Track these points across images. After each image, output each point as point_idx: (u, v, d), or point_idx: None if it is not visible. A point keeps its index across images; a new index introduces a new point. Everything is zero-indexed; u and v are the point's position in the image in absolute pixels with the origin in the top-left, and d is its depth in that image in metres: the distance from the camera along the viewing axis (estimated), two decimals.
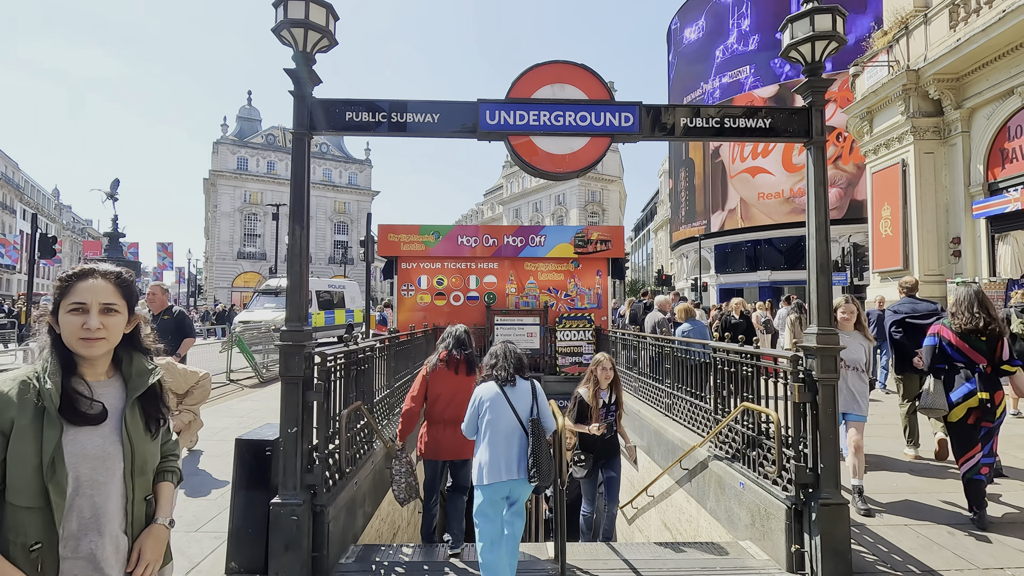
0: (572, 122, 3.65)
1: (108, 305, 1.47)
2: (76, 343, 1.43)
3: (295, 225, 3.52)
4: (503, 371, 3.52)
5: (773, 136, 3.79)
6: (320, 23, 3.35)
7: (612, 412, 5.05)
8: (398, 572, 3.67)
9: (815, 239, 3.56)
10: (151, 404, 1.57)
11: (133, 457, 1.48)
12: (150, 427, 1.55)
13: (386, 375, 6.34)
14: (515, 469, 3.29)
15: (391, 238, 11.24)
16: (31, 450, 1.33)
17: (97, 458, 1.42)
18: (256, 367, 11.69)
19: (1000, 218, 11.35)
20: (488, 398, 3.43)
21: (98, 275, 1.48)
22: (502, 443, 3.32)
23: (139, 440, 1.50)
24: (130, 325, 1.56)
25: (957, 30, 11.56)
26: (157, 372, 1.60)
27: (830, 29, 3.37)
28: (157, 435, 1.58)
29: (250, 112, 59.86)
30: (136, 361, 1.58)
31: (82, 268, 1.49)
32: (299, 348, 3.44)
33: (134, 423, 1.50)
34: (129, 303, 1.53)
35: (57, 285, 1.46)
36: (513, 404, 3.39)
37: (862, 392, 4.64)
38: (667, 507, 5.95)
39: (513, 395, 3.43)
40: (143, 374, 1.56)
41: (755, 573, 3.61)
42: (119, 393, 1.53)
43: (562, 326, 10.63)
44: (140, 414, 1.54)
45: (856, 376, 4.64)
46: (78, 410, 1.41)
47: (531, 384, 3.55)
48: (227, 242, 55.67)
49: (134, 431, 1.49)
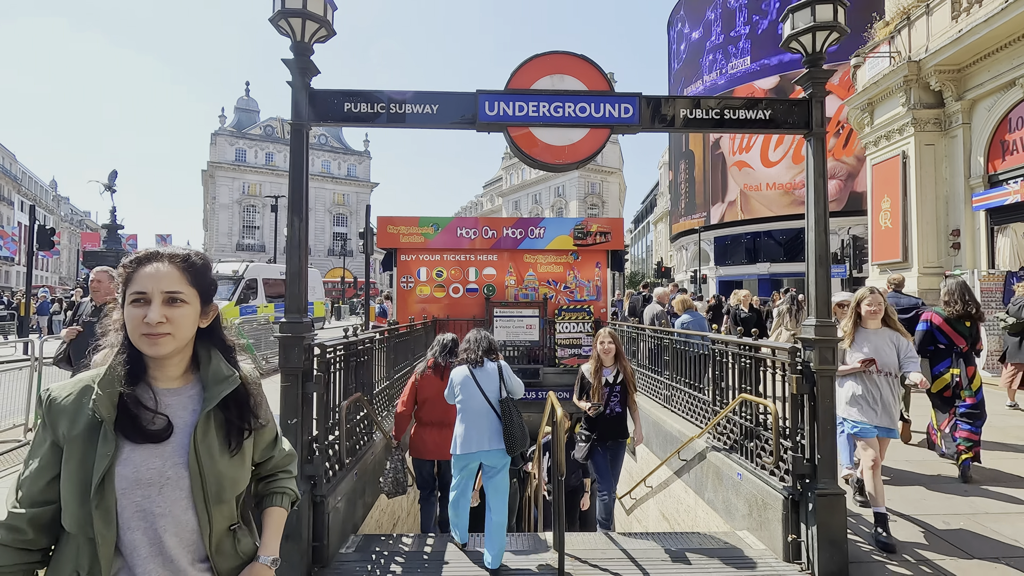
0: (571, 113, 3.64)
1: (172, 294, 1.22)
2: (139, 340, 1.20)
3: (294, 217, 3.51)
4: (473, 354, 4.01)
5: (773, 127, 3.78)
6: (318, 13, 3.32)
7: (616, 392, 4.73)
8: (398, 562, 3.70)
9: (814, 231, 3.56)
10: (234, 414, 1.30)
11: (204, 482, 1.22)
12: (230, 443, 1.28)
13: (386, 366, 6.37)
14: (486, 441, 3.78)
15: (390, 230, 11.22)
16: (78, 470, 1.14)
17: (152, 484, 1.18)
18: (255, 359, 11.73)
19: (1000, 210, 11.33)
20: (459, 380, 3.93)
21: (163, 259, 1.25)
22: (474, 419, 3.82)
23: (213, 460, 1.24)
24: (206, 318, 1.32)
25: (959, 21, 11.48)
26: (235, 380, 1.32)
27: (831, 19, 3.35)
28: (239, 452, 1.30)
29: (248, 103, 59.60)
30: (215, 362, 1.32)
31: (145, 252, 1.26)
32: (298, 340, 3.45)
33: (207, 440, 1.24)
34: (201, 291, 1.29)
35: (120, 273, 1.25)
36: (481, 384, 3.88)
37: (893, 403, 3.97)
38: (665, 498, 5.99)
39: (481, 376, 3.91)
40: (221, 379, 1.30)
41: (752, 563, 3.64)
42: (193, 403, 1.28)
43: (561, 318, 10.64)
44: (218, 428, 1.28)
45: (886, 383, 3.93)
46: (137, 424, 1.18)
47: (498, 366, 4.00)
48: (226, 234, 55.58)
49: (205, 450, 1.23)
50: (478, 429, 3.80)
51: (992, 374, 9.43)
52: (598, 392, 4.65)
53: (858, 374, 3.97)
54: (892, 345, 3.95)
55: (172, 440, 1.22)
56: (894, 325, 4.02)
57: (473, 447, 3.77)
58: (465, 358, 4.03)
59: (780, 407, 3.82)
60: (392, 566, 3.63)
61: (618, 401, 4.73)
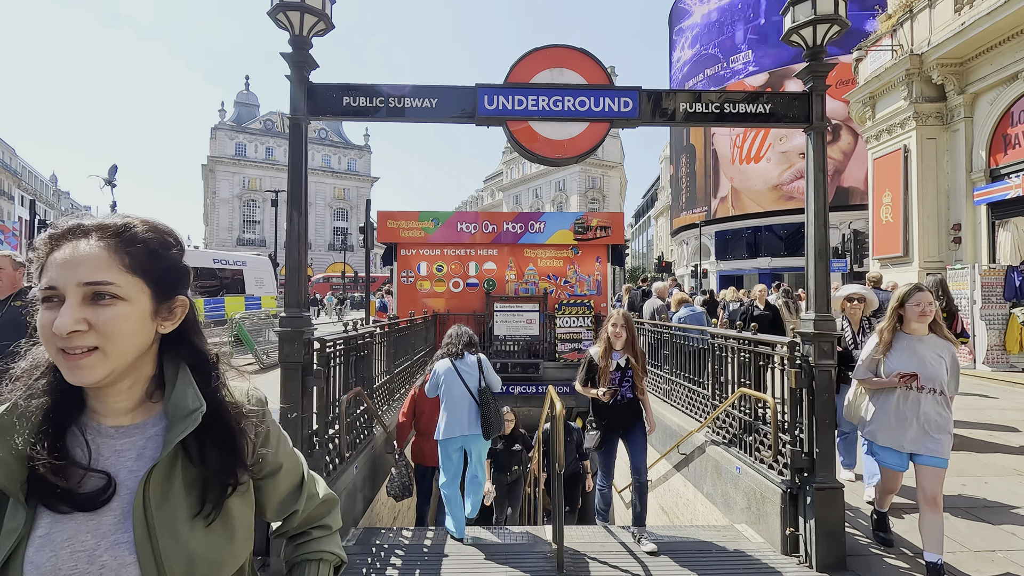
0: (571, 107, 3.63)
1: (97, 286, 0.79)
2: (56, 359, 0.79)
3: (293, 211, 3.51)
4: (454, 348, 4.43)
5: (774, 121, 3.77)
6: (316, 6, 3.31)
7: (628, 377, 4.32)
8: (398, 555, 3.72)
9: (813, 225, 3.56)
10: (211, 464, 0.86)
11: (161, 570, 0.79)
12: (203, 507, 0.84)
13: (386, 361, 6.38)
14: (466, 426, 4.23)
15: (390, 224, 11.22)
16: None
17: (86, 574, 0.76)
18: (256, 353, 11.76)
19: (1001, 204, 11.31)
20: (442, 371, 4.34)
21: (85, 233, 0.81)
22: (455, 407, 4.26)
23: (175, 536, 0.81)
24: (168, 320, 0.87)
25: (961, 14, 11.42)
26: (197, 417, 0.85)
27: (832, 12, 3.34)
28: (221, 518, 0.86)
29: (248, 97, 59.39)
30: (179, 387, 0.87)
31: (64, 225, 0.83)
32: (298, 334, 3.46)
33: (166, 506, 0.82)
34: (152, 280, 0.84)
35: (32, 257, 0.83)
36: (462, 375, 4.31)
37: (941, 424, 3.17)
38: (665, 491, 6.02)
39: (462, 367, 4.34)
40: (184, 414, 0.85)
41: (751, 555, 3.66)
42: (152, 448, 0.85)
43: (561, 313, 10.65)
44: (186, 486, 0.84)
45: (933, 401, 3.18)
46: (56, 486, 0.77)
47: (477, 359, 4.43)
48: (226, 228, 55.54)
49: (163, 521, 0.81)
50: (459, 415, 4.25)
51: (993, 368, 9.44)
52: (606, 375, 4.25)
53: (892, 389, 3.25)
54: (940, 356, 3.21)
55: (113, 506, 0.80)
56: (941, 331, 3.28)
57: (456, 431, 4.22)
58: (447, 351, 4.44)
59: (779, 401, 3.83)
60: (392, 559, 3.65)
61: (629, 387, 4.34)
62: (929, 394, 3.18)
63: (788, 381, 3.66)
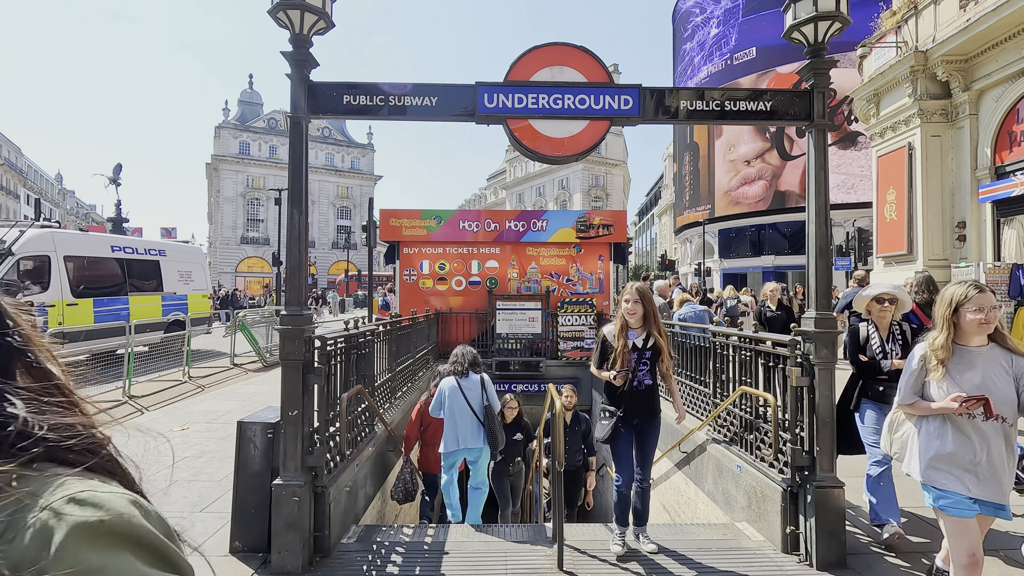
0: (571, 105, 3.62)
1: None
2: None
3: (293, 209, 3.52)
4: (459, 367, 4.83)
5: (775, 119, 3.76)
6: (316, 5, 3.31)
7: (646, 359, 3.77)
8: (399, 551, 3.73)
9: (815, 223, 3.55)
10: None
11: None
12: None
13: (387, 359, 6.39)
14: (469, 439, 4.67)
15: (393, 223, 11.23)
16: None
17: None
18: (259, 351, 11.79)
19: (1006, 202, 11.23)
20: (447, 388, 4.73)
21: None
22: (458, 422, 4.66)
23: None
24: None
25: (967, 10, 11.34)
26: None
27: (833, 9, 3.32)
28: None
29: (251, 96, 59.49)
30: None
31: None
32: (299, 332, 3.47)
33: None
34: None
35: None
36: (465, 392, 4.72)
37: (1004, 461, 2.51)
38: (666, 489, 6.02)
39: (465, 385, 4.75)
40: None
41: (751, 553, 3.66)
42: None
43: (564, 311, 10.64)
44: None
45: (998, 432, 2.50)
46: None
47: (481, 378, 4.85)
48: (230, 227, 55.70)
49: None
50: (461, 430, 4.65)
51: None
52: (623, 357, 3.71)
53: (950, 416, 2.54)
54: (1007, 372, 2.51)
55: None
56: (1005, 342, 2.58)
57: (458, 445, 4.66)
58: (452, 369, 4.83)
59: (779, 400, 3.82)
60: (393, 556, 3.66)
61: (647, 371, 3.76)
62: (996, 423, 2.48)
63: (789, 379, 3.65)
